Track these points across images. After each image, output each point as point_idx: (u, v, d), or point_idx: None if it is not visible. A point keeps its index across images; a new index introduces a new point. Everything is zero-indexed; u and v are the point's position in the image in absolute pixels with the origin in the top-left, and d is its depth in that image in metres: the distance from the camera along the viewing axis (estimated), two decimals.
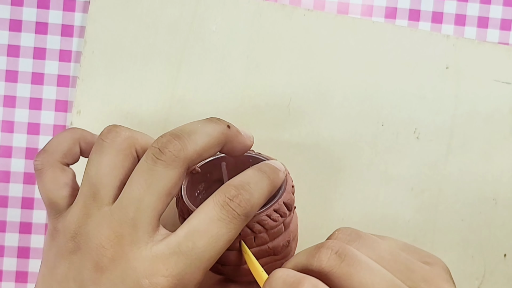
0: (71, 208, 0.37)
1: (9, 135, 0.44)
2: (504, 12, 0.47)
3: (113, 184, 0.36)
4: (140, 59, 0.45)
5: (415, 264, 0.33)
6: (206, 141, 0.37)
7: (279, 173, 0.39)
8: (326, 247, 0.33)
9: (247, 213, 0.36)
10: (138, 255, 0.35)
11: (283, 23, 0.45)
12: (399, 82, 0.46)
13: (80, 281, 0.35)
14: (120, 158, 0.37)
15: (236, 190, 0.36)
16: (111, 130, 0.37)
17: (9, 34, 0.44)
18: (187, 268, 0.35)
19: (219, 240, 0.35)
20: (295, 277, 0.32)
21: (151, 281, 0.34)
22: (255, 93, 0.45)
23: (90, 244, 0.35)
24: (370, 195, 0.46)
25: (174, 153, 0.35)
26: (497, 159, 0.47)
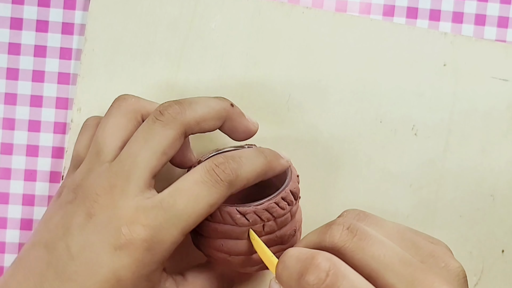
0: (80, 166, 0.39)
1: (10, 132, 0.45)
2: (501, 10, 0.47)
3: (115, 143, 0.39)
4: (140, 56, 0.45)
5: (421, 241, 0.34)
6: (205, 111, 0.39)
7: (280, 159, 0.40)
8: (337, 223, 0.34)
9: (230, 181, 0.37)
10: (126, 204, 0.36)
11: (281, 21, 0.46)
12: (397, 79, 0.46)
13: (67, 226, 0.37)
14: (124, 121, 0.39)
15: (224, 158, 0.38)
16: (119, 98, 0.40)
17: (10, 32, 0.44)
18: (165, 223, 0.36)
19: (199, 202, 0.36)
20: (308, 253, 0.32)
21: (130, 228, 0.36)
22: (254, 90, 0.46)
23: (86, 193, 0.37)
24: (369, 191, 0.46)
25: (172, 115, 0.38)
26: (495, 155, 0.47)
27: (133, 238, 0.36)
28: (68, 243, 0.36)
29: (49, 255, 0.36)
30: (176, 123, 0.38)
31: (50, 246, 0.37)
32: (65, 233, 0.36)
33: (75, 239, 0.36)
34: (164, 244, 0.36)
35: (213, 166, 0.37)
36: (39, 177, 0.45)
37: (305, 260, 0.32)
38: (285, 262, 0.33)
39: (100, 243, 0.36)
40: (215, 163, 0.37)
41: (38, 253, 0.37)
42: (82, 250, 0.36)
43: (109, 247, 0.36)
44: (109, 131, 0.39)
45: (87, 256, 0.36)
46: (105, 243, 0.36)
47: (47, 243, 0.37)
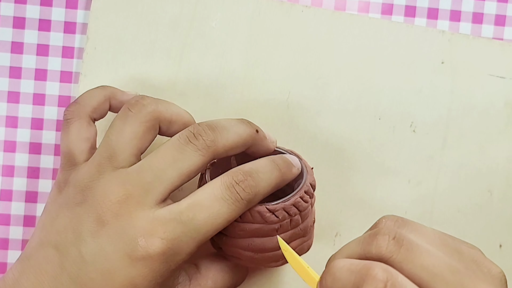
0: (86, 164, 0.38)
1: (13, 130, 0.45)
2: (498, 8, 0.47)
3: (131, 151, 0.38)
4: (141, 55, 0.45)
5: (462, 246, 0.34)
6: (235, 140, 0.39)
7: (292, 169, 0.40)
8: (382, 233, 0.33)
9: (249, 199, 0.38)
10: (141, 215, 0.36)
11: (281, 20, 0.46)
12: (396, 77, 0.47)
13: (79, 231, 0.36)
14: (142, 130, 0.39)
15: (243, 175, 0.38)
16: (138, 102, 0.39)
17: (12, 31, 0.45)
18: (183, 236, 0.36)
19: (218, 218, 0.37)
20: (361, 264, 0.32)
21: (147, 241, 0.36)
22: (254, 88, 0.46)
23: (97, 198, 0.37)
24: (368, 187, 0.47)
25: (206, 142, 0.38)
26: (492, 151, 0.47)
27: (150, 251, 0.36)
28: (81, 249, 0.36)
29: (61, 258, 0.36)
30: (208, 151, 0.38)
31: (61, 249, 0.36)
32: (77, 238, 0.36)
33: (88, 246, 0.36)
34: (180, 255, 0.37)
35: (233, 183, 0.37)
36: (41, 174, 0.45)
37: (359, 271, 0.31)
38: (336, 274, 0.32)
39: (115, 253, 0.36)
40: (235, 180, 0.37)
41: (48, 254, 0.37)
42: (96, 258, 0.36)
43: (124, 257, 0.36)
44: (125, 138, 0.38)
45: (102, 264, 0.36)
46: (120, 252, 0.36)
47: (57, 245, 0.37)
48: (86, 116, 0.41)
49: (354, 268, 0.32)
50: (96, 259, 0.36)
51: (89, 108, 0.41)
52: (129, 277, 0.36)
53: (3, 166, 0.45)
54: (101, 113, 0.41)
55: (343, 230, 0.47)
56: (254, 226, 0.38)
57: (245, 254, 0.39)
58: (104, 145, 0.39)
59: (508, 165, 0.47)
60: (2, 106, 0.45)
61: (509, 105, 0.47)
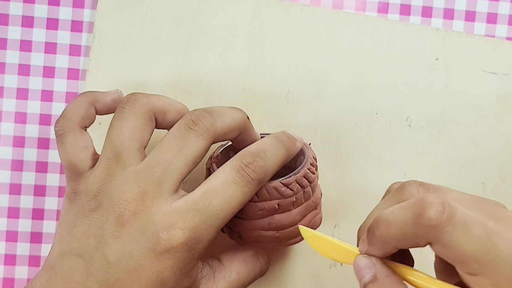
0: (93, 170, 0.38)
1: (22, 126, 0.46)
2: (490, 6, 0.48)
3: (134, 146, 0.38)
4: (146, 52, 0.46)
5: (490, 204, 0.35)
6: (231, 123, 0.40)
7: (296, 143, 0.41)
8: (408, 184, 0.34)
9: (260, 179, 0.38)
10: (159, 209, 0.37)
11: (281, 18, 0.47)
12: (392, 73, 0.48)
13: (100, 235, 0.37)
14: (140, 123, 0.39)
15: (251, 157, 0.38)
16: (130, 98, 0.39)
17: (21, 30, 0.46)
18: (202, 223, 0.37)
19: (233, 201, 0.37)
20: (411, 200, 0.33)
21: (169, 233, 0.36)
22: (255, 84, 0.47)
23: (113, 200, 0.37)
24: (365, 180, 0.48)
25: (206, 126, 0.38)
26: (485, 145, 0.48)
27: (173, 242, 0.36)
28: (105, 252, 0.36)
29: (87, 265, 0.36)
30: (208, 134, 0.38)
31: (85, 256, 0.37)
32: (99, 242, 0.37)
33: (111, 247, 0.36)
34: (202, 242, 0.37)
35: (243, 166, 0.38)
36: (49, 168, 0.46)
37: (413, 205, 0.32)
38: (389, 218, 0.33)
39: (139, 250, 0.36)
40: (244, 163, 0.38)
41: (73, 263, 0.37)
42: (121, 258, 0.36)
43: (149, 252, 0.36)
44: (126, 134, 0.38)
45: (128, 263, 0.36)
46: (144, 249, 0.36)
47: (80, 252, 0.37)
48: (77, 126, 0.40)
49: (405, 205, 0.33)
50: (121, 259, 0.36)
51: (77, 118, 0.41)
52: (155, 271, 0.36)
53: (12, 161, 0.46)
54: (90, 119, 0.41)
55: (342, 222, 0.48)
56: (272, 203, 0.39)
57: (267, 235, 0.40)
58: (107, 147, 0.39)
59: (500, 158, 0.48)
60: (11, 103, 0.46)
61: (501, 100, 0.48)
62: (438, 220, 0.31)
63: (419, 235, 0.32)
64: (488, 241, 0.32)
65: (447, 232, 0.31)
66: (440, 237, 0.32)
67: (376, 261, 0.35)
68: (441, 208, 0.31)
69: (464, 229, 0.31)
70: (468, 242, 0.31)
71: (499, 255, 0.32)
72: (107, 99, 0.42)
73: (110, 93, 0.42)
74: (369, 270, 0.34)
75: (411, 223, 0.32)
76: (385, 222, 0.33)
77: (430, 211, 0.31)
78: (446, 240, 0.32)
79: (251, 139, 0.42)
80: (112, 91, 0.42)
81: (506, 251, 0.32)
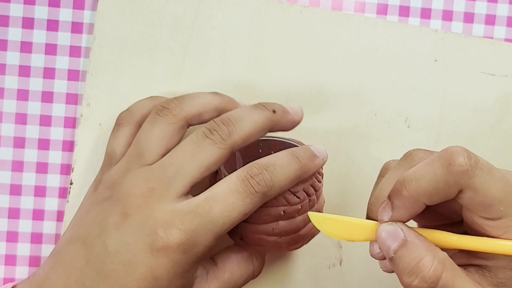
0: (117, 164, 0.40)
1: (23, 127, 0.46)
2: (488, 8, 0.49)
3: (159, 150, 0.39)
4: (146, 53, 0.47)
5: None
6: (252, 127, 0.40)
7: (315, 160, 0.40)
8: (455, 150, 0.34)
9: (264, 192, 0.38)
10: (161, 207, 0.37)
11: (281, 19, 0.47)
12: (391, 75, 0.48)
13: (104, 224, 0.38)
14: (170, 130, 0.40)
15: (258, 169, 0.38)
16: (163, 108, 0.40)
17: (22, 31, 0.46)
18: (200, 228, 0.37)
19: (234, 211, 0.38)
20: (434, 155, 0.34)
21: (166, 231, 0.37)
22: (255, 85, 0.47)
23: (122, 192, 0.38)
24: (365, 181, 0.47)
25: (222, 136, 0.39)
26: (484, 146, 0.49)
27: (169, 241, 0.37)
28: (106, 241, 0.37)
29: (87, 252, 0.37)
30: (224, 144, 0.39)
31: (88, 243, 0.38)
32: (102, 231, 0.38)
33: (112, 237, 0.37)
34: (199, 247, 0.38)
35: (248, 177, 0.38)
36: (50, 169, 0.47)
37: (441, 157, 0.33)
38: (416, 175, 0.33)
39: (137, 244, 0.37)
40: (249, 173, 0.38)
41: (76, 249, 0.38)
42: (119, 249, 0.37)
43: (145, 247, 0.37)
44: (154, 137, 0.40)
45: (124, 255, 0.37)
46: (141, 243, 0.37)
47: (84, 239, 0.38)
48: (135, 122, 0.42)
49: (429, 160, 0.34)
50: (119, 251, 0.37)
51: (139, 115, 0.43)
52: (150, 268, 0.37)
53: (12, 162, 0.46)
54: None
55: None
56: (279, 209, 0.39)
57: (269, 240, 0.40)
58: (133, 146, 0.40)
59: (498, 158, 0.49)
60: (11, 104, 0.46)
61: (499, 101, 0.49)
62: (468, 164, 0.32)
63: (451, 183, 0.33)
64: (508, 183, 0.33)
65: (478, 176, 0.33)
66: (471, 182, 0.33)
67: (402, 226, 0.34)
68: (468, 154, 0.33)
69: (490, 172, 0.33)
70: (495, 185, 0.33)
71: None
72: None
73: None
74: (396, 236, 0.34)
75: (442, 173, 0.33)
76: (413, 179, 0.34)
77: (460, 158, 0.33)
78: (477, 183, 0.33)
79: (288, 126, 0.42)
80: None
81: None
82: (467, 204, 0.34)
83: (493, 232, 0.34)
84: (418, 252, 0.33)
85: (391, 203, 0.35)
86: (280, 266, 0.48)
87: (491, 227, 0.34)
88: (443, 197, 0.34)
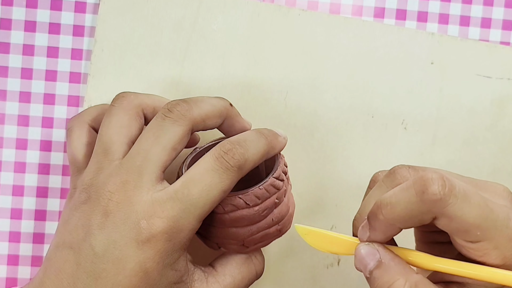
0: (87, 166, 0.40)
1: (25, 129, 0.47)
2: (484, 11, 0.49)
3: (121, 140, 0.39)
4: (147, 56, 0.47)
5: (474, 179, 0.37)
6: (210, 109, 0.40)
7: (278, 137, 0.41)
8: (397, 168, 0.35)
9: (240, 165, 0.38)
10: (140, 199, 0.37)
11: (279, 23, 0.48)
12: (388, 77, 0.48)
13: (87, 227, 0.38)
14: (127, 118, 0.40)
15: (231, 144, 0.38)
16: (119, 96, 0.41)
17: (24, 34, 0.47)
18: (182, 212, 0.37)
19: (212, 189, 0.38)
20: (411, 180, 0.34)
21: (149, 222, 0.37)
22: (254, 87, 0.48)
23: (99, 192, 0.38)
24: (362, 182, 0.48)
25: (181, 112, 0.39)
26: (479, 148, 0.49)
27: (153, 231, 0.37)
28: (92, 243, 0.37)
29: (76, 256, 0.38)
30: (184, 120, 0.39)
31: (75, 247, 0.38)
32: (86, 234, 0.38)
33: (97, 238, 0.37)
34: (183, 232, 0.38)
35: (222, 153, 0.38)
36: (52, 170, 0.47)
37: (415, 183, 0.33)
38: (392, 200, 0.34)
39: (122, 239, 0.37)
40: (223, 150, 0.38)
41: (64, 255, 0.38)
42: (106, 248, 0.37)
43: (131, 242, 0.37)
44: (114, 129, 0.40)
45: (112, 253, 0.37)
46: (127, 238, 0.37)
47: (71, 244, 0.38)
48: (85, 123, 0.43)
49: (405, 186, 0.34)
50: (106, 249, 0.37)
51: (88, 117, 0.43)
52: (138, 261, 0.37)
53: (15, 163, 0.47)
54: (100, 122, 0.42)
55: (339, 223, 0.48)
56: (272, 198, 0.40)
57: (271, 231, 0.41)
58: (97, 143, 0.40)
59: (494, 160, 0.49)
60: (14, 106, 0.47)
61: (495, 104, 0.49)
62: (441, 193, 0.32)
63: (424, 211, 0.33)
64: (486, 207, 0.33)
65: (451, 204, 0.33)
66: (445, 210, 0.33)
67: (378, 247, 0.35)
68: (442, 182, 0.33)
69: (465, 199, 0.33)
70: (470, 211, 0.33)
71: (497, 219, 0.33)
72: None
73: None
74: (373, 256, 0.35)
75: (416, 201, 0.33)
76: (389, 204, 0.34)
77: (433, 186, 0.32)
78: (450, 211, 0.33)
79: (239, 126, 0.42)
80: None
81: (502, 215, 0.34)
82: (444, 229, 0.34)
83: (473, 254, 0.34)
84: (391, 275, 0.34)
85: (369, 224, 0.36)
86: (278, 266, 0.49)
87: (471, 249, 0.34)
88: (418, 223, 0.34)
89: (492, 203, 0.34)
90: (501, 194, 0.36)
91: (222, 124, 0.42)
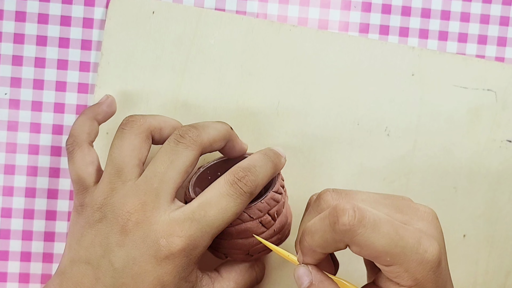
0: (98, 185, 0.41)
1: (37, 135, 0.49)
2: (461, 27, 0.51)
3: (133, 163, 0.41)
4: (149, 68, 0.48)
5: (396, 199, 0.38)
6: (216, 134, 0.42)
7: (281, 158, 0.43)
8: (323, 193, 0.36)
9: (251, 192, 0.40)
10: (158, 219, 0.39)
11: (272, 37, 0.49)
12: (372, 88, 0.50)
13: (106, 244, 0.39)
14: (138, 141, 0.41)
15: (243, 172, 0.40)
16: (128, 120, 0.42)
17: (36, 48, 0.48)
18: (198, 232, 0.39)
19: (227, 212, 0.40)
20: (326, 211, 0.35)
21: (168, 240, 0.38)
22: (248, 97, 0.49)
23: (116, 212, 0.39)
24: (348, 185, 0.50)
25: (192, 138, 0.40)
26: (457, 153, 0.50)
27: (172, 248, 0.38)
28: (111, 259, 0.38)
29: (95, 271, 0.39)
30: (196, 145, 0.41)
31: (93, 263, 0.39)
32: (105, 251, 0.39)
33: (117, 255, 0.38)
34: (198, 248, 0.39)
35: (236, 180, 0.40)
36: (61, 174, 0.49)
37: (329, 214, 0.34)
38: (311, 230, 0.35)
39: (142, 256, 0.38)
40: (236, 177, 0.40)
41: (82, 269, 0.39)
42: (126, 264, 0.38)
43: (150, 258, 0.38)
44: (126, 152, 0.41)
45: (132, 269, 0.38)
46: (146, 255, 0.38)
47: (88, 260, 0.39)
48: (84, 143, 0.43)
49: (323, 215, 0.35)
50: (126, 265, 0.38)
51: (84, 135, 0.43)
52: (157, 276, 0.38)
53: (27, 167, 0.49)
54: (95, 133, 0.44)
55: None
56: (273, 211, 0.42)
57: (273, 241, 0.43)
58: (109, 164, 0.41)
59: (470, 164, 0.50)
60: (26, 114, 0.48)
61: (471, 112, 0.50)
62: (350, 224, 0.34)
63: (337, 240, 0.35)
64: (396, 235, 0.34)
65: (360, 234, 0.34)
66: (354, 239, 0.34)
67: (312, 269, 0.37)
68: (352, 213, 0.34)
69: (374, 228, 0.34)
70: (379, 239, 0.34)
71: (406, 245, 0.34)
72: (103, 108, 0.45)
73: (102, 101, 0.45)
74: (306, 277, 0.37)
75: (329, 231, 0.35)
76: (309, 233, 0.36)
77: (343, 217, 0.34)
78: (360, 240, 0.34)
79: (238, 147, 0.44)
80: (103, 99, 0.46)
81: (411, 241, 0.35)
82: (358, 254, 0.36)
83: (388, 275, 0.36)
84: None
85: (300, 249, 0.38)
86: (278, 270, 0.50)
87: (385, 271, 0.36)
88: (334, 249, 0.36)
89: (404, 230, 0.35)
90: (423, 216, 0.37)
91: (224, 146, 0.44)
